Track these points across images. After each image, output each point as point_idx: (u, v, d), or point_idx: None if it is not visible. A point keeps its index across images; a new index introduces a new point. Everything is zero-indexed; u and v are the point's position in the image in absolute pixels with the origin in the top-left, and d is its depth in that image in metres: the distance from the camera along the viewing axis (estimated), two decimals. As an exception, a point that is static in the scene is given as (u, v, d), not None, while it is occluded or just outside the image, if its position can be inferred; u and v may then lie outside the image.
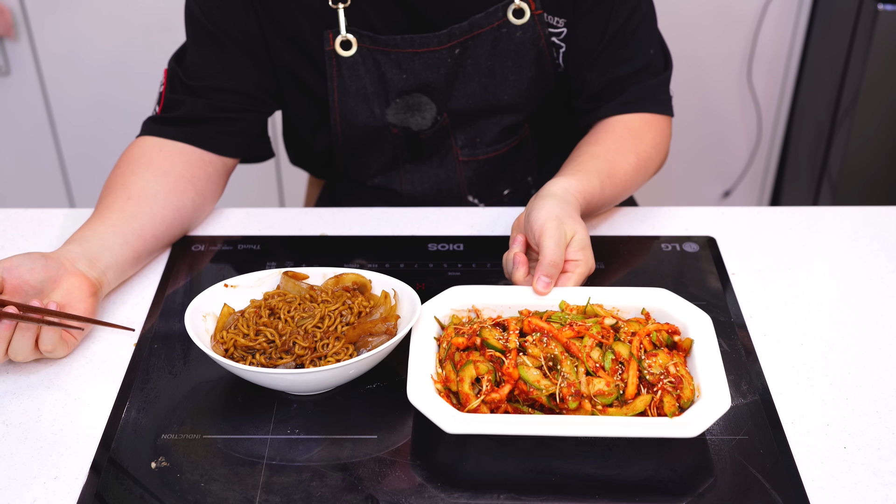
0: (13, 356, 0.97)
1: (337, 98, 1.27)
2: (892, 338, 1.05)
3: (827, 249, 1.20)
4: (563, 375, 0.90)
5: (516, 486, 0.87)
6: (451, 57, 1.24)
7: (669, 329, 0.97)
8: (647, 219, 1.26)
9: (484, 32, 1.23)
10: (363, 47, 1.23)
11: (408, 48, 1.23)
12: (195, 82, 1.23)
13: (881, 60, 2.08)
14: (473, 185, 1.38)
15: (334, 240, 1.23)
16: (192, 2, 1.24)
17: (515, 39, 1.24)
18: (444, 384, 0.92)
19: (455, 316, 0.99)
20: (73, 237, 1.09)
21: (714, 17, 2.29)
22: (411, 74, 1.25)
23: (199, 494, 0.87)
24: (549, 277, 1.00)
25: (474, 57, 1.25)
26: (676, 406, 0.90)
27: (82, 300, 1.02)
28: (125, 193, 1.15)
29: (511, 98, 1.29)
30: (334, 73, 1.25)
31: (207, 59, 1.24)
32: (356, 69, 1.25)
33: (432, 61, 1.24)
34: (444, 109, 1.29)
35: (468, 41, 1.23)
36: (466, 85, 1.27)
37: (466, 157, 1.35)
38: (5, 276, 0.98)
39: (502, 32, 1.24)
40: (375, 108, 1.28)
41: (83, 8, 2.24)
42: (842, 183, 2.26)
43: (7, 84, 2.36)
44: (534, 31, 1.24)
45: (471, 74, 1.26)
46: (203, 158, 1.23)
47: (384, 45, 1.23)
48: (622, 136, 1.22)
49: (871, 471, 0.89)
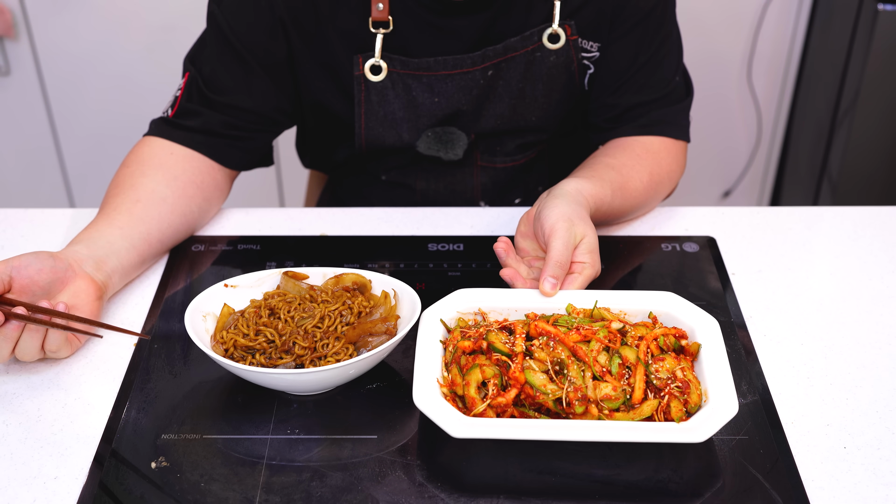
0: (20, 356, 0.97)
1: (364, 123, 1.26)
2: (892, 338, 1.05)
3: (827, 249, 1.20)
4: (570, 380, 0.90)
5: (516, 486, 0.87)
6: (483, 79, 1.23)
7: (677, 333, 0.96)
8: (647, 219, 1.26)
9: (518, 56, 1.23)
10: (393, 72, 1.22)
11: (441, 70, 1.22)
12: (214, 96, 1.21)
13: (881, 60, 2.08)
14: (487, 191, 1.38)
15: (334, 240, 1.23)
16: (218, 10, 1.20)
17: (549, 63, 1.24)
18: (450, 388, 0.91)
19: (461, 319, 0.99)
20: (79, 237, 1.08)
21: (714, 18, 2.29)
22: (443, 97, 1.24)
23: (199, 494, 0.87)
24: (555, 279, 0.99)
25: (506, 79, 1.25)
26: (683, 411, 0.89)
27: (89, 303, 1.02)
28: (134, 195, 1.14)
29: (538, 119, 1.30)
30: (363, 98, 1.24)
31: (229, 74, 1.21)
32: (385, 94, 1.24)
33: (465, 83, 1.23)
34: (471, 131, 1.29)
35: (501, 63, 1.23)
36: (496, 106, 1.27)
37: (485, 162, 1.35)
38: (13, 276, 0.97)
39: (536, 56, 1.23)
40: (404, 133, 1.27)
41: (83, 8, 2.24)
42: (842, 183, 2.26)
43: (7, 84, 2.36)
44: (567, 55, 1.24)
45: (501, 96, 1.26)
46: (212, 166, 1.22)
47: (416, 69, 1.22)
48: (639, 155, 1.22)
49: (871, 471, 0.89)
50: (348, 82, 1.24)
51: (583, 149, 1.43)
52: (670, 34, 1.26)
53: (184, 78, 1.23)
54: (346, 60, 1.22)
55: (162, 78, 2.32)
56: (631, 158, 1.21)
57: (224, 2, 1.20)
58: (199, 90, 1.22)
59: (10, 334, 0.94)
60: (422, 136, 1.28)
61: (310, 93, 1.26)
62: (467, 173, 1.36)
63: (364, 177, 1.41)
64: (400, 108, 1.25)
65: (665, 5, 1.24)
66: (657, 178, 1.22)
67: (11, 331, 0.94)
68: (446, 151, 1.30)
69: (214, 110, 1.21)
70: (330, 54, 1.22)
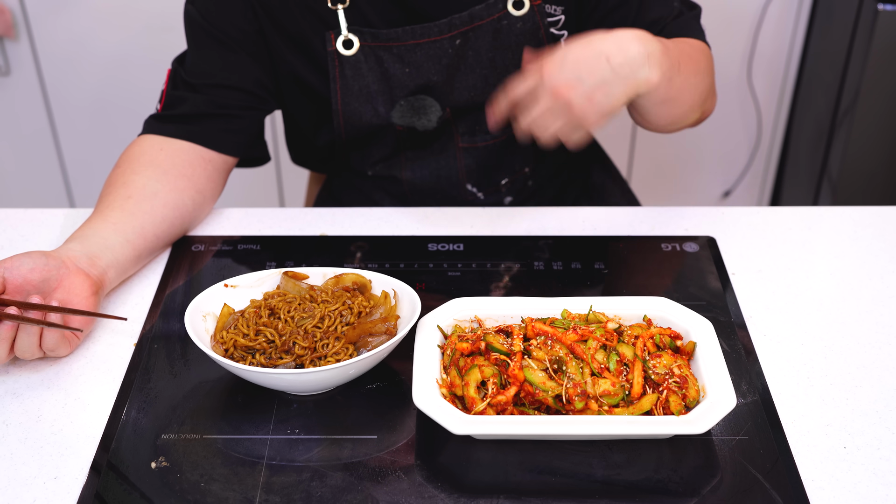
0: (20, 354, 0.98)
1: (340, 98, 1.27)
2: (892, 338, 1.05)
3: (827, 249, 1.20)
4: (569, 376, 0.90)
5: (516, 486, 0.87)
6: (452, 48, 1.24)
7: (672, 334, 0.97)
8: (647, 219, 1.26)
9: (484, 24, 1.23)
10: (365, 45, 1.23)
11: (409, 40, 1.23)
12: (196, 80, 1.24)
13: (881, 60, 2.08)
14: (472, 173, 1.37)
15: (334, 240, 1.23)
16: (191, 5, 1.25)
17: (516, 31, 1.24)
18: (450, 389, 0.92)
19: (458, 326, 0.99)
20: (73, 235, 1.09)
21: (714, 17, 2.28)
22: (414, 67, 1.25)
23: (199, 494, 0.87)
24: None
25: (475, 49, 1.25)
26: (682, 405, 0.90)
27: (84, 298, 1.02)
28: (125, 192, 1.15)
29: None
30: (337, 74, 1.25)
31: (207, 57, 1.24)
32: (359, 67, 1.25)
33: (434, 52, 1.24)
34: (446, 104, 1.29)
35: (469, 32, 1.24)
36: (468, 77, 1.27)
37: (466, 143, 1.34)
38: (6, 276, 0.98)
39: (503, 24, 1.24)
40: (379, 106, 1.28)
41: (83, 8, 2.24)
42: (842, 183, 2.26)
43: (7, 84, 2.36)
44: (533, 21, 1.24)
45: (472, 66, 1.26)
46: (203, 157, 1.23)
47: (385, 40, 1.23)
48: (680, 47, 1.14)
49: (871, 471, 0.89)
50: (321, 58, 1.25)
51: None
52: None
53: (167, 75, 1.27)
54: (314, 37, 1.24)
55: (162, 78, 2.32)
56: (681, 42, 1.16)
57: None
58: (182, 79, 1.25)
59: (5, 335, 0.95)
60: (395, 107, 1.28)
61: (285, 66, 1.28)
62: (450, 156, 1.35)
63: (351, 173, 1.42)
64: (374, 80, 1.26)
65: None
66: (710, 64, 1.18)
67: (6, 331, 0.95)
68: (419, 119, 1.30)
69: (198, 93, 1.24)
70: (298, 32, 1.24)
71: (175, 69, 1.27)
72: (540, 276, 1.15)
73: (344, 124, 1.29)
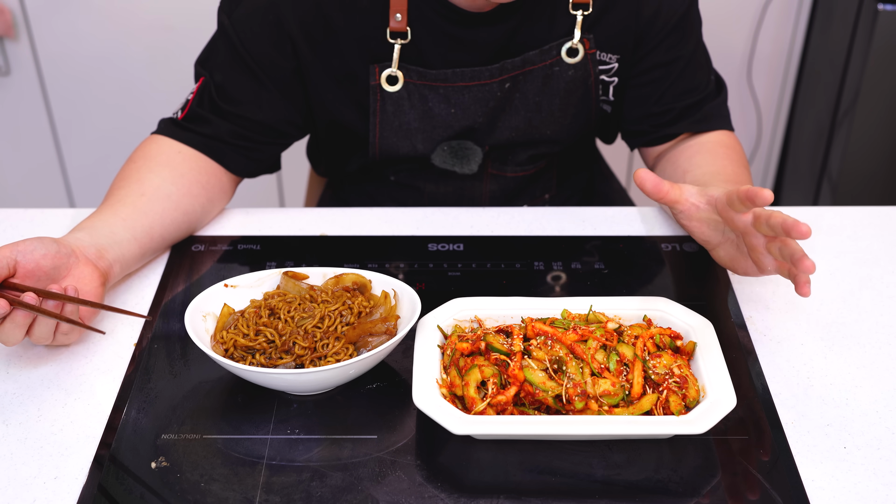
0: (35, 340, 0.97)
1: (378, 132, 1.26)
2: (892, 338, 1.05)
3: (827, 249, 1.20)
4: (569, 376, 0.90)
5: (516, 486, 0.87)
6: (500, 91, 1.23)
7: (671, 334, 0.97)
8: (647, 219, 1.26)
9: (536, 69, 1.23)
10: (409, 82, 1.22)
11: (458, 82, 1.21)
12: (225, 105, 1.21)
13: (881, 60, 2.08)
14: (495, 196, 1.38)
15: (334, 240, 1.23)
16: (226, 17, 1.20)
17: (566, 77, 1.24)
18: (450, 389, 0.92)
19: (458, 326, 0.99)
20: (81, 225, 1.08)
21: (714, 18, 2.28)
22: (459, 109, 1.24)
23: (199, 494, 0.87)
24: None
25: (523, 92, 1.24)
26: (682, 405, 0.90)
27: (94, 288, 1.02)
28: (139, 189, 1.14)
29: (553, 133, 1.29)
30: (378, 108, 1.23)
31: (238, 83, 1.21)
32: (401, 104, 1.23)
33: (482, 95, 1.23)
34: (485, 143, 1.29)
35: (519, 76, 1.23)
36: (512, 118, 1.26)
37: (496, 171, 1.35)
38: (19, 260, 0.97)
39: (554, 70, 1.23)
40: (418, 144, 1.27)
41: (83, 8, 2.24)
42: (842, 183, 2.26)
43: (7, 84, 2.36)
44: (585, 69, 1.24)
45: (517, 108, 1.26)
46: (218, 168, 1.23)
47: (433, 80, 1.21)
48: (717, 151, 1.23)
49: (871, 471, 0.89)
50: (363, 92, 1.23)
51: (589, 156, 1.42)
52: (700, 36, 1.27)
53: (197, 82, 1.23)
54: (360, 70, 1.22)
55: (162, 78, 2.32)
56: (715, 156, 1.22)
57: (234, 14, 1.20)
58: (211, 98, 1.22)
59: (22, 321, 0.94)
60: (437, 149, 1.28)
61: (322, 107, 1.26)
62: (478, 179, 1.35)
63: (371, 174, 1.41)
64: (415, 118, 1.24)
65: (691, 6, 1.24)
66: (746, 165, 1.24)
67: (23, 318, 0.94)
68: (461, 166, 1.30)
69: (224, 119, 1.22)
70: (343, 65, 1.22)
71: (207, 83, 1.22)
72: (540, 276, 1.15)
73: (379, 154, 1.29)
